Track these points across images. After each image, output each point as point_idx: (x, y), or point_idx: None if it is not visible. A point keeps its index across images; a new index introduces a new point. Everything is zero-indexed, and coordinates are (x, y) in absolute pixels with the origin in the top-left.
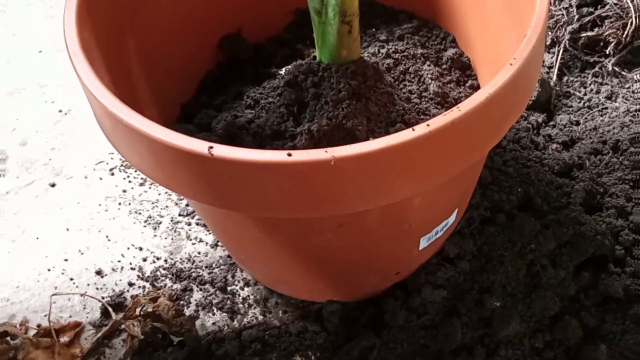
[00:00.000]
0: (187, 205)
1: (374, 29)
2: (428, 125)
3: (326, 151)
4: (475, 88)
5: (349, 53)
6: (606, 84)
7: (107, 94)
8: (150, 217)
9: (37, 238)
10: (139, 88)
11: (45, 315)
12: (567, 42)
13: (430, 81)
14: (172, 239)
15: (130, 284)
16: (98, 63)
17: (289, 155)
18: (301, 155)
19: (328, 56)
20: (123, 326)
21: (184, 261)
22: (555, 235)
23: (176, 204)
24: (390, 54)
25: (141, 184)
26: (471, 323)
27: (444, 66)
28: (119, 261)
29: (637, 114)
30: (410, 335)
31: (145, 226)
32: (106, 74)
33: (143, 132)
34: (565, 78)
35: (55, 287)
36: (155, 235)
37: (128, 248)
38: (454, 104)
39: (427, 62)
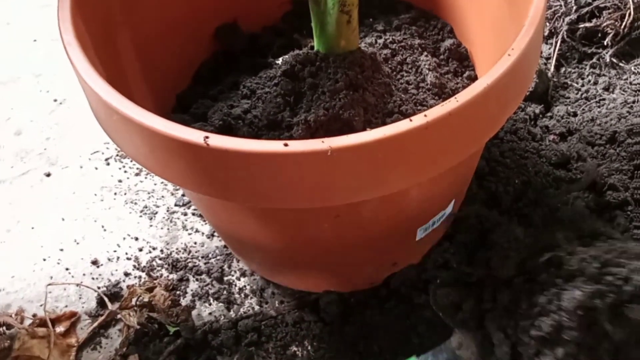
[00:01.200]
0: (183, 195)
1: (371, 19)
2: (425, 115)
3: (323, 141)
4: (473, 79)
5: (347, 43)
6: (604, 75)
7: (102, 84)
8: (146, 207)
9: (33, 228)
10: (134, 78)
11: (41, 305)
12: (565, 33)
13: (427, 72)
14: (168, 229)
15: (126, 274)
16: (92, 52)
17: (286, 145)
18: (298, 146)
19: (326, 46)
20: (119, 316)
21: (180, 251)
22: None
23: (172, 194)
24: (388, 45)
25: (137, 174)
26: None
27: (442, 57)
28: (115, 251)
29: (634, 106)
30: None
31: (141, 216)
32: (100, 63)
33: (138, 121)
34: (563, 69)
35: (51, 277)
36: (151, 226)
37: (124, 238)
38: (451, 95)
39: (425, 53)
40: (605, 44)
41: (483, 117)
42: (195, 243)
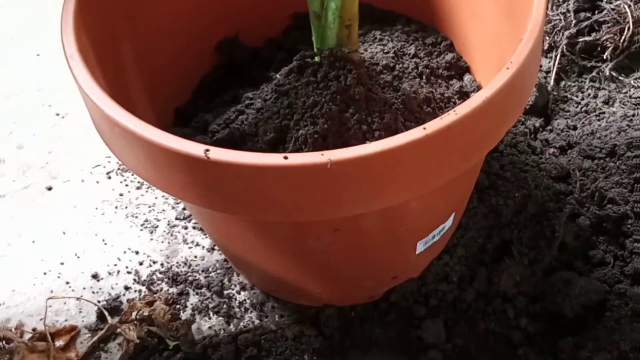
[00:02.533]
0: (183, 209)
1: (372, 32)
2: (424, 128)
3: (322, 154)
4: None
5: None
6: (603, 88)
7: (104, 96)
8: (146, 220)
9: (33, 241)
10: (136, 91)
11: (41, 319)
12: (564, 47)
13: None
14: (169, 242)
15: (126, 288)
16: (95, 65)
17: (285, 158)
18: (297, 159)
19: None
20: (119, 330)
21: (180, 265)
22: None
23: (173, 208)
24: (387, 57)
25: (138, 188)
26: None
27: (442, 70)
28: (115, 265)
29: (634, 119)
30: None
31: (141, 230)
32: (103, 76)
33: (139, 134)
34: (563, 83)
35: (51, 291)
36: (151, 239)
37: (124, 252)
38: (452, 108)
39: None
40: (604, 57)
41: (482, 130)
42: (195, 257)
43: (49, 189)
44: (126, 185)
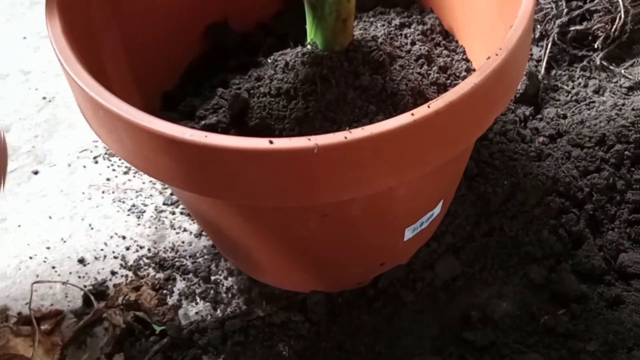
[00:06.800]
0: (171, 194)
1: (366, 13)
2: (412, 114)
3: (309, 139)
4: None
5: (341, 48)
6: (594, 78)
7: (89, 79)
8: (134, 205)
9: (19, 226)
10: (122, 75)
11: (26, 304)
12: (555, 35)
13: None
14: (156, 227)
15: (113, 273)
16: (80, 48)
17: (271, 142)
18: (283, 143)
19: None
20: (105, 315)
21: (167, 250)
22: None
23: (160, 193)
24: (381, 37)
25: (125, 173)
26: None
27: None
28: (102, 250)
29: (623, 108)
30: None
31: (128, 215)
32: (88, 59)
33: (124, 117)
34: (554, 71)
35: (37, 275)
36: (138, 224)
37: (111, 236)
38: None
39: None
40: (595, 46)
41: (470, 117)
42: (182, 242)
43: (35, 173)
44: (113, 170)
